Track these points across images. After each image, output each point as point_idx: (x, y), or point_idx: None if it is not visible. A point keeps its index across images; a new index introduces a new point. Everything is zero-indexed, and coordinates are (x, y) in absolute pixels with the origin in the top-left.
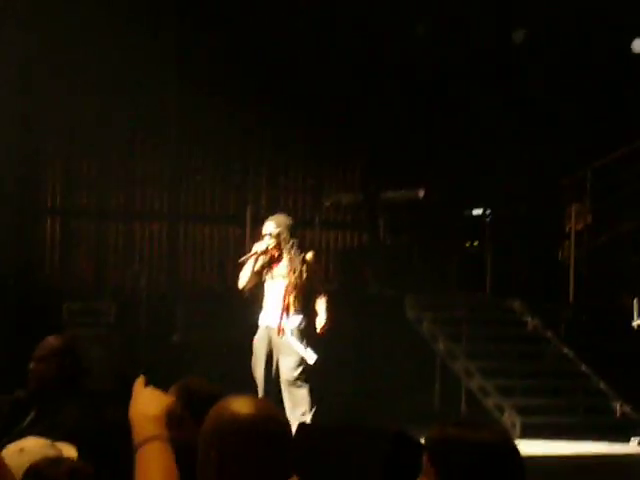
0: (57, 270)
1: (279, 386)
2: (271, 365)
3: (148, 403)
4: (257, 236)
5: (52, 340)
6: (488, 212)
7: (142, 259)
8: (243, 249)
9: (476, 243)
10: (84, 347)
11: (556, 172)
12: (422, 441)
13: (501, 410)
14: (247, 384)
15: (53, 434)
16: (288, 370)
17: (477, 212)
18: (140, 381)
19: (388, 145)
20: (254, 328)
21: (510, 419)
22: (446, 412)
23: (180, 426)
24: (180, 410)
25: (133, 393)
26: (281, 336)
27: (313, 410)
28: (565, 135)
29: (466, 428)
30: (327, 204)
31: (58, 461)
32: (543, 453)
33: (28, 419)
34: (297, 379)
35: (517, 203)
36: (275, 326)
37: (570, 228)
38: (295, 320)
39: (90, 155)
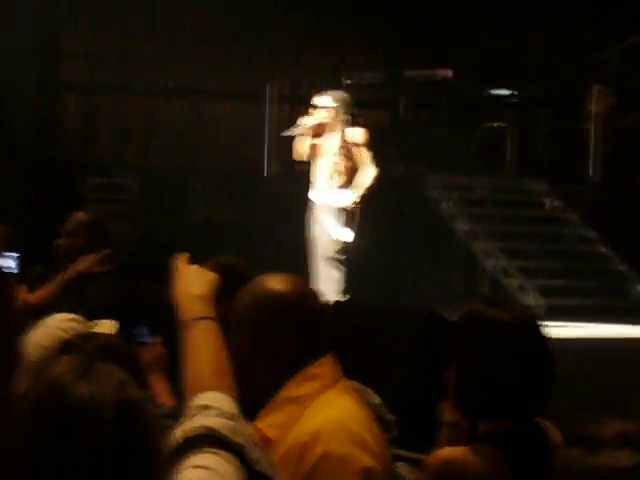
0: (79, 145)
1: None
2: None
3: (194, 282)
4: (278, 114)
5: (80, 215)
6: (512, 92)
7: (164, 135)
8: (263, 127)
9: (499, 124)
10: (108, 223)
11: (582, 53)
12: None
13: (524, 291)
14: (269, 261)
15: (83, 309)
16: (325, 247)
17: (501, 92)
18: (183, 258)
19: (412, 23)
20: (274, 205)
21: (533, 300)
22: (468, 292)
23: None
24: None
25: (176, 271)
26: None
27: (344, 293)
28: (590, 16)
29: (490, 306)
30: (348, 82)
31: (90, 336)
32: (567, 335)
33: None
34: (333, 258)
35: (541, 84)
36: (320, 202)
37: (595, 109)
38: (340, 198)
39: (112, 28)
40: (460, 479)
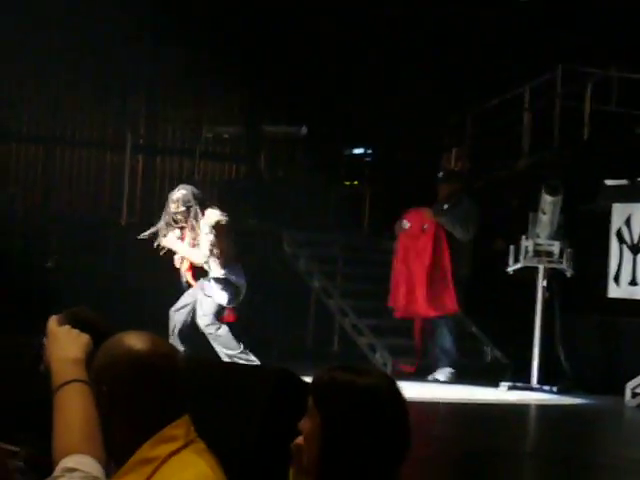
0: None
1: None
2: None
3: (67, 345)
4: (135, 165)
5: None
6: (369, 152)
7: (18, 182)
8: (121, 177)
9: (356, 182)
10: None
11: (437, 115)
12: (304, 380)
13: (374, 349)
14: (120, 313)
15: None
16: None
17: (358, 151)
18: (54, 320)
19: (271, 79)
20: (124, 258)
21: (382, 359)
22: (319, 349)
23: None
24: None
25: (49, 334)
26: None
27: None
28: (447, 79)
29: (352, 372)
30: (208, 135)
31: None
32: (413, 396)
33: None
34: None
35: (398, 144)
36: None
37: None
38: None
39: None
40: None
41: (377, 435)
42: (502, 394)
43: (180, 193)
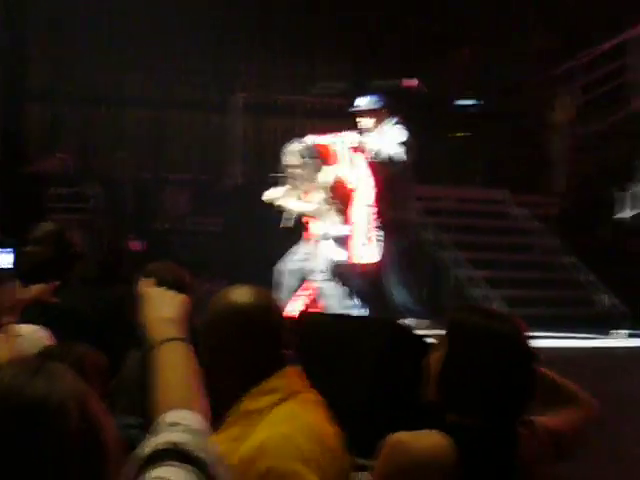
0: (43, 155)
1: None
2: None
3: (164, 305)
4: (245, 124)
5: (46, 225)
6: (478, 103)
7: (129, 144)
8: (232, 137)
9: (466, 134)
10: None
11: (546, 63)
12: (417, 333)
13: (489, 301)
14: (231, 272)
15: (47, 317)
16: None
17: (467, 103)
18: (148, 282)
19: (380, 33)
20: (238, 218)
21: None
22: (434, 302)
23: None
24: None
25: (142, 294)
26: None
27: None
28: (554, 27)
29: (482, 314)
30: (316, 92)
31: (70, 346)
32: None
33: None
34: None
35: (507, 94)
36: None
37: (558, 120)
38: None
39: (78, 38)
40: (404, 458)
41: (499, 377)
42: (621, 341)
43: (294, 146)
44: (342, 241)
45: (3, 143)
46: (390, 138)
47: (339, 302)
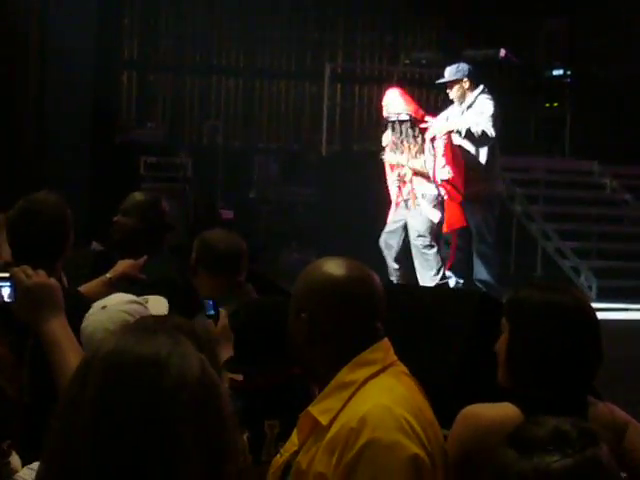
0: (134, 123)
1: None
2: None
3: None
4: (333, 93)
5: (136, 195)
6: (569, 73)
7: (219, 114)
8: (320, 106)
9: (556, 104)
10: (164, 202)
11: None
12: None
13: (577, 272)
14: (318, 242)
15: (138, 287)
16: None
17: (558, 73)
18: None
19: (469, 2)
20: (328, 187)
21: (587, 281)
22: (522, 274)
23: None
24: (194, 263)
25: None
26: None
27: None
28: None
29: (540, 289)
30: (406, 61)
31: (162, 319)
32: (618, 317)
33: None
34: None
35: (598, 64)
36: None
37: None
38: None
39: (168, 7)
40: (475, 427)
41: (561, 348)
42: None
43: (389, 96)
44: (438, 203)
45: (97, 113)
46: (476, 111)
47: (431, 268)
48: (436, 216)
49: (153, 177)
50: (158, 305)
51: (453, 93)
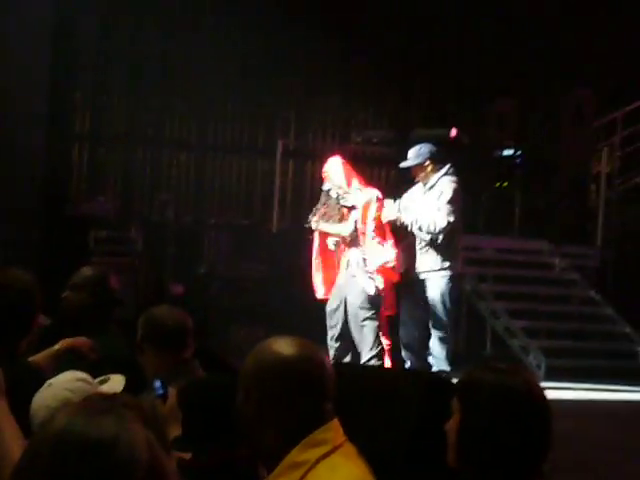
0: (84, 197)
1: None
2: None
3: None
4: (285, 170)
5: (85, 270)
6: (518, 153)
7: (170, 188)
8: (272, 182)
9: (505, 184)
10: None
11: (588, 115)
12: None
13: (526, 351)
14: (268, 318)
15: (86, 364)
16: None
17: (507, 153)
18: None
19: (422, 82)
20: (279, 263)
21: (535, 360)
22: (471, 352)
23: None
24: (140, 340)
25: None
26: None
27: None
28: (597, 78)
29: (492, 371)
30: (358, 139)
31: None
32: (567, 397)
33: None
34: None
35: (548, 145)
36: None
37: (599, 171)
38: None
39: (120, 81)
40: None
41: (511, 432)
42: None
43: (327, 165)
44: (376, 272)
45: (47, 185)
46: (435, 194)
47: (368, 342)
48: (371, 287)
49: (103, 251)
50: (118, 384)
51: (418, 175)
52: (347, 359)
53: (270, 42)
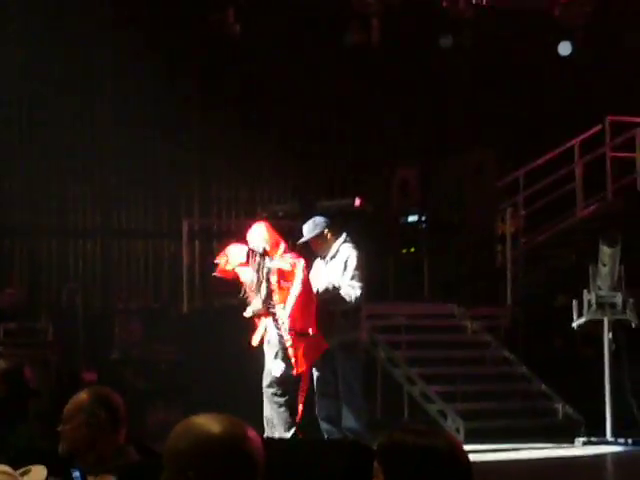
0: None
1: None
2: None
3: None
4: (192, 250)
5: (1, 362)
6: (423, 218)
7: (77, 276)
8: (179, 263)
9: (412, 249)
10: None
11: (490, 176)
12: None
13: (444, 415)
14: (183, 400)
15: (5, 455)
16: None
17: (412, 219)
18: None
19: (321, 154)
20: (188, 345)
21: (454, 424)
22: (389, 419)
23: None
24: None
25: None
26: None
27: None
28: (498, 139)
29: (412, 433)
30: (264, 215)
31: None
32: (488, 458)
33: None
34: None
35: (452, 208)
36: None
37: (504, 231)
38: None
39: (20, 172)
40: None
41: None
42: (577, 450)
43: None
44: (282, 350)
45: None
46: (338, 262)
47: (284, 423)
48: (277, 369)
49: (13, 343)
50: (40, 475)
51: (318, 248)
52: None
53: (170, 119)
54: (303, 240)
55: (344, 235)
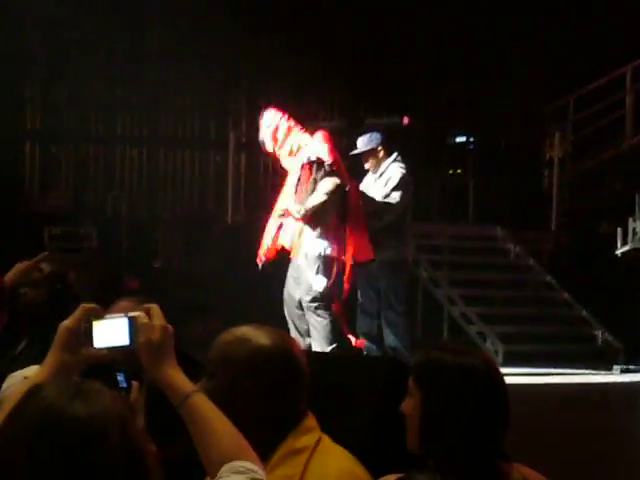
0: (37, 194)
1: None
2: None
3: (167, 359)
4: (238, 163)
5: (43, 266)
6: (471, 140)
7: (123, 183)
8: (225, 175)
9: (459, 171)
10: (70, 273)
11: (539, 100)
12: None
13: (484, 337)
14: (224, 312)
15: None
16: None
17: (460, 140)
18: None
19: (371, 71)
20: (231, 257)
21: (493, 346)
22: (429, 338)
23: None
24: None
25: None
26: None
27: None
28: (547, 63)
29: (450, 352)
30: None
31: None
32: (525, 381)
33: (20, 346)
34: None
35: (500, 131)
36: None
37: (552, 156)
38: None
39: (70, 79)
40: None
41: (473, 412)
42: (615, 377)
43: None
44: (324, 264)
45: (0, 184)
46: (383, 181)
47: (326, 335)
48: (320, 283)
49: (58, 248)
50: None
51: (368, 163)
52: None
53: (219, 34)
54: (356, 152)
55: (395, 154)
